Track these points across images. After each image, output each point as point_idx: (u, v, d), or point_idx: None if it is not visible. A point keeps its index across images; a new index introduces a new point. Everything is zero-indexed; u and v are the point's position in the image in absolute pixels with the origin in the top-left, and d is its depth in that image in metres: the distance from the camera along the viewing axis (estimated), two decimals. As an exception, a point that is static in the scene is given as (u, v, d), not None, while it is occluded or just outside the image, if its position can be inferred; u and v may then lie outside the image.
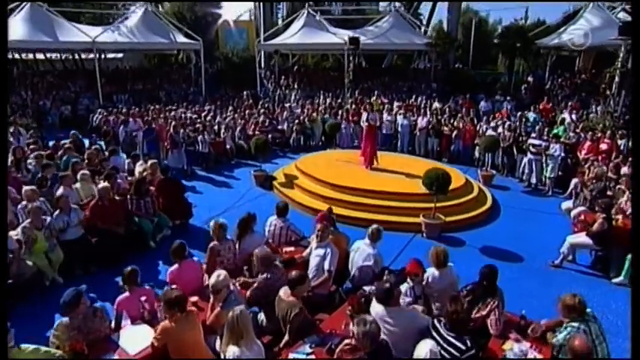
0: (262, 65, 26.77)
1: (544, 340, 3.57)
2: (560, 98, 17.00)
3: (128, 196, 6.62)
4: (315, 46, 22.68)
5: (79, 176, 6.67)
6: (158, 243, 6.53)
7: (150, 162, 7.75)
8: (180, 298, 3.41)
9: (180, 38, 21.22)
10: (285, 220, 5.60)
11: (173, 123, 10.98)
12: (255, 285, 4.07)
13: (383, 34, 21.98)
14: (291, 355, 3.38)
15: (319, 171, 9.23)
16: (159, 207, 6.93)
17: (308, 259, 4.81)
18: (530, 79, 20.65)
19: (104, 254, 5.74)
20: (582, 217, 6.75)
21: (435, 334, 3.14)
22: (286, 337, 3.63)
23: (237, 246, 5.02)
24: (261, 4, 26.76)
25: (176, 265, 4.48)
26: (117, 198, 6.48)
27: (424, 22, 26.75)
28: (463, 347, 2.98)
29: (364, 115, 9.76)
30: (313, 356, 3.37)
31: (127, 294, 3.90)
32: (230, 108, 15.55)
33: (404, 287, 4.07)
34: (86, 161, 7.63)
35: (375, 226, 4.89)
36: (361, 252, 4.77)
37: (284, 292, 3.88)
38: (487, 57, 34.05)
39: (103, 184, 6.23)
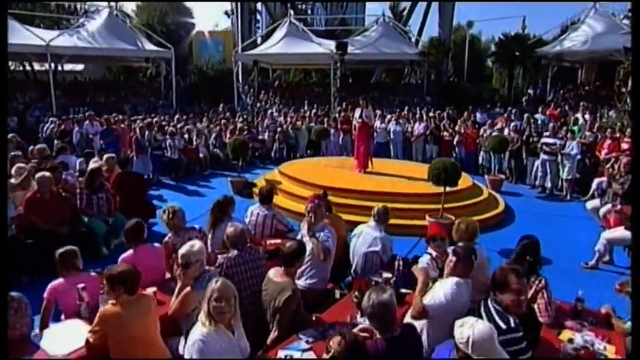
0: (240, 79, 27.02)
1: (610, 328, 3.03)
2: (565, 110, 17.16)
3: (78, 191, 5.96)
4: (298, 58, 22.85)
5: (13, 170, 5.96)
6: (112, 250, 5.89)
7: (106, 156, 7.14)
8: (128, 273, 2.86)
9: (149, 46, 21.01)
10: (270, 208, 5.12)
11: (139, 124, 10.44)
12: (217, 263, 3.52)
13: (372, 44, 22.35)
14: (281, 353, 2.74)
15: (307, 175, 9.09)
16: (115, 206, 6.28)
17: None
18: (530, 91, 21.00)
19: (41, 260, 4.96)
20: (614, 212, 6.39)
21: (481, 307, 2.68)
22: (274, 332, 3.00)
23: (209, 236, 4.43)
24: (239, 13, 27.11)
25: (130, 252, 3.85)
26: (63, 194, 5.80)
27: (414, 35, 27.27)
28: (504, 326, 2.47)
29: (357, 112, 9.50)
30: (312, 353, 2.72)
31: (61, 280, 3.34)
32: (204, 119, 15.26)
33: (424, 260, 3.68)
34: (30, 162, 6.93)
35: (380, 205, 4.42)
36: (365, 236, 4.32)
37: (274, 272, 3.34)
38: (481, 74, 35.25)
39: (43, 173, 5.54)
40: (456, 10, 26.37)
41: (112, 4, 20.30)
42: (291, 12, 24.24)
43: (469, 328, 2.23)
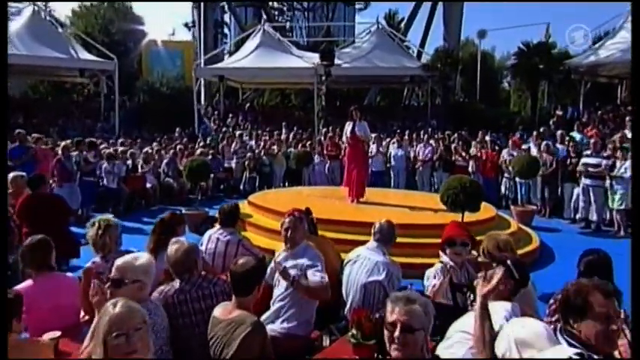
0: (203, 99, 27.11)
1: None
2: (605, 133, 17.34)
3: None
4: (274, 74, 23.21)
5: None
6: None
7: (12, 175, 6.68)
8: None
9: (86, 55, 20.92)
10: (235, 232, 4.83)
11: (63, 144, 10.06)
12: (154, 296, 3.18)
13: (364, 57, 22.86)
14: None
15: (284, 205, 8.91)
16: (20, 240, 5.75)
17: (270, 283, 3.86)
18: (559, 112, 21.31)
19: None
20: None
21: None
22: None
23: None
24: (202, 22, 27.56)
25: (28, 282, 3.36)
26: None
27: (415, 46, 28.02)
28: None
29: (348, 126, 9.37)
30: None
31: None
32: (155, 144, 15.07)
33: (433, 271, 3.63)
34: None
35: (384, 219, 4.12)
36: (364, 262, 4.03)
37: (221, 309, 2.92)
38: (496, 97, 36.32)
39: None
40: (463, 19, 27.30)
41: (39, 3, 20.23)
42: (265, 17, 24.59)
43: None
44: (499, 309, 2.68)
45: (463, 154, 12.84)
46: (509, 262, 2.84)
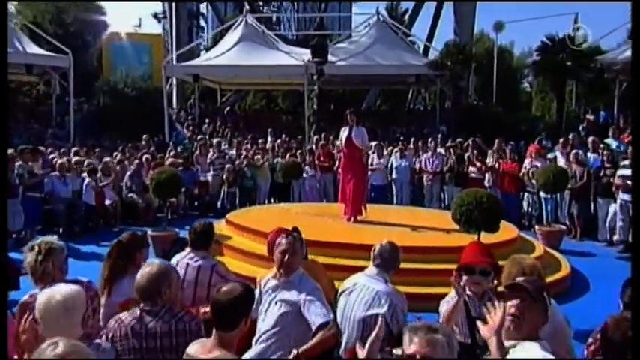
0: (175, 102, 27.16)
1: None
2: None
3: None
4: (258, 72, 23.36)
5: None
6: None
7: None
8: None
9: (34, 49, 20.81)
10: (208, 255, 4.78)
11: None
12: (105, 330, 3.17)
13: (362, 53, 23.04)
14: None
15: (268, 224, 8.91)
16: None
17: (255, 316, 3.80)
18: (589, 116, 21.45)
19: None
20: None
21: None
22: None
23: (103, 297, 3.91)
24: (174, 12, 27.71)
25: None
26: None
27: (421, 41, 28.25)
28: None
29: (343, 132, 9.47)
30: None
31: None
32: (116, 153, 15.02)
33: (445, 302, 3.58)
34: None
35: (385, 241, 4.07)
36: (361, 291, 3.97)
37: (198, 346, 2.84)
38: (515, 99, 36.69)
39: None
40: (477, 10, 27.58)
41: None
42: (247, 7, 24.70)
43: None
44: (525, 350, 2.58)
45: (478, 165, 12.84)
46: (529, 285, 2.74)
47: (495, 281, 3.80)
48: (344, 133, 9.43)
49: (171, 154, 14.91)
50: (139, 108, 22.17)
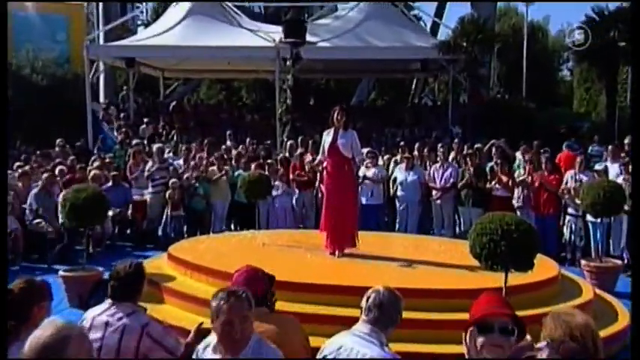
0: (102, 94, 26.95)
1: None
2: None
3: None
4: (214, 55, 23.39)
5: None
6: None
7: None
8: None
9: None
10: (137, 311, 4.65)
11: None
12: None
13: (351, 31, 23.28)
14: None
15: (226, 260, 8.95)
16: None
17: None
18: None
19: None
20: None
21: None
22: None
23: None
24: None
25: None
26: None
27: (426, 19, 28.46)
28: None
29: (327, 137, 9.39)
30: None
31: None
32: (17, 164, 15.15)
33: None
34: None
35: (380, 288, 4.06)
36: (348, 357, 3.89)
37: None
38: (552, 92, 36.99)
39: None
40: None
41: None
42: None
43: None
44: None
45: (504, 178, 12.82)
46: None
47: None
48: (327, 137, 9.37)
49: (96, 164, 14.80)
50: (52, 102, 22.11)
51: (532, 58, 28.45)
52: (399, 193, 13.83)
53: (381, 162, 14.72)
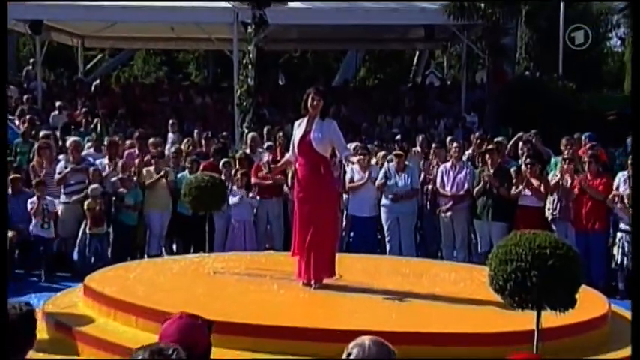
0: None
1: None
2: None
3: None
4: (151, 17, 23.41)
5: None
6: None
7: None
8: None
9: None
10: None
11: None
12: None
13: None
14: None
15: (162, 295, 9.14)
16: None
17: None
18: None
19: None
20: None
21: None
22: None
23: None
24: None
25: None
26: None
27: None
28: None
29: (298, 130, 9.39)
30: None
31: None
32: None
33: None
34: None
35: (365, 341, 3.80)
36: None
37: None
38: (596, 69, 37.08)
39: None
40: None
41: None
42: None
43: None
44: None
45: (534, 182, 12.86)
46: None
47: None
48: (299, 129, 9.38)
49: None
50: None
51: (571, 24, 28.48)
52: (384, 201, 13.82)
53: (374, 161, 14.76)
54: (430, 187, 13.92)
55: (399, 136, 18.37)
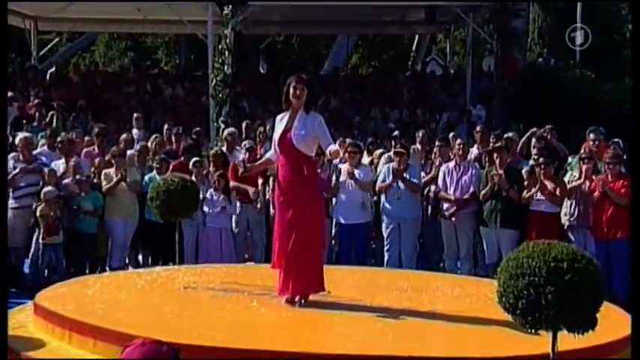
0: None
1: None
2: None
3: None
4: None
5: None
6: None
7: None
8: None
9: None
10: None
11: None
12: None
13: None
14: None
15: (125, 315, 9.07)
16: None
17: None
18: None
19: None
20: None
21: None
22: None
23: None
24: None
25: None
26: None
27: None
28: None
29: (279, 125, 9.42)
30: None
31: None
32: None
33: None
34: None
35: None
36: None
37: None
38: (619, 56, 37.12)
39: None
40: None
41: None
42: None
43: None
44: None
45: (549, 184, 12.86)
46: None
47: None
48: (280, 124, 9.39)
49: None
50: None
51: (589, 5, 28.50)
52: (385, 205, 13.84)
53: (367, 159, 14.85)
54: (433, 188, 13.96)
55: (396, 132, 18.35)
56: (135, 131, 18.19)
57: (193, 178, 13.67)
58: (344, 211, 13.80)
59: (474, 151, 15.35)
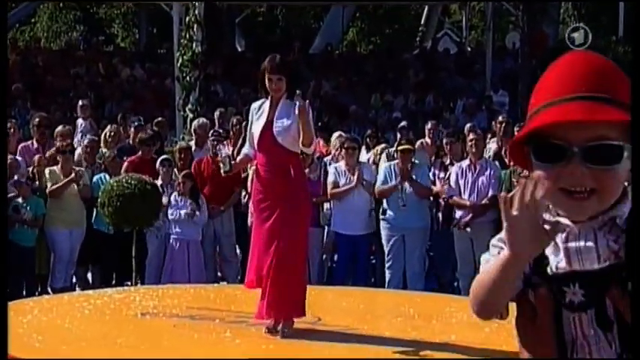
0: None
1: None
2: None
3: None
4: None
5: None
6: None
7: None
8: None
9: None
10: None
11: None
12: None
13: None
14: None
15: (68, 348, 9.17)
16: None
17: None
18: None
19: None
20: None
21: None
22: None
23: None
24: None
25: None
26: None
27: None
28: None
29: (257, 115, 9.49)
30: None
31: None
32: None
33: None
34: None
35: None
36: None
37: None
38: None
39: None
40: None
41: None
42: None
43: None
44: None
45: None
46: None
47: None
48: (258, 115, 9.46)
49: None
50: None
51: (636, -34, 28.68)
52: (387, 212, 13.81)
53: (366, 156, 14.94)
54: (445, 194, 13.86)
55: (402, 123, 18.34)
56: (80, 122, 18.11)
57: (159, 179, 13.76)
58: (343, 220, 13.74)
59: (493, 146, 15.33)
